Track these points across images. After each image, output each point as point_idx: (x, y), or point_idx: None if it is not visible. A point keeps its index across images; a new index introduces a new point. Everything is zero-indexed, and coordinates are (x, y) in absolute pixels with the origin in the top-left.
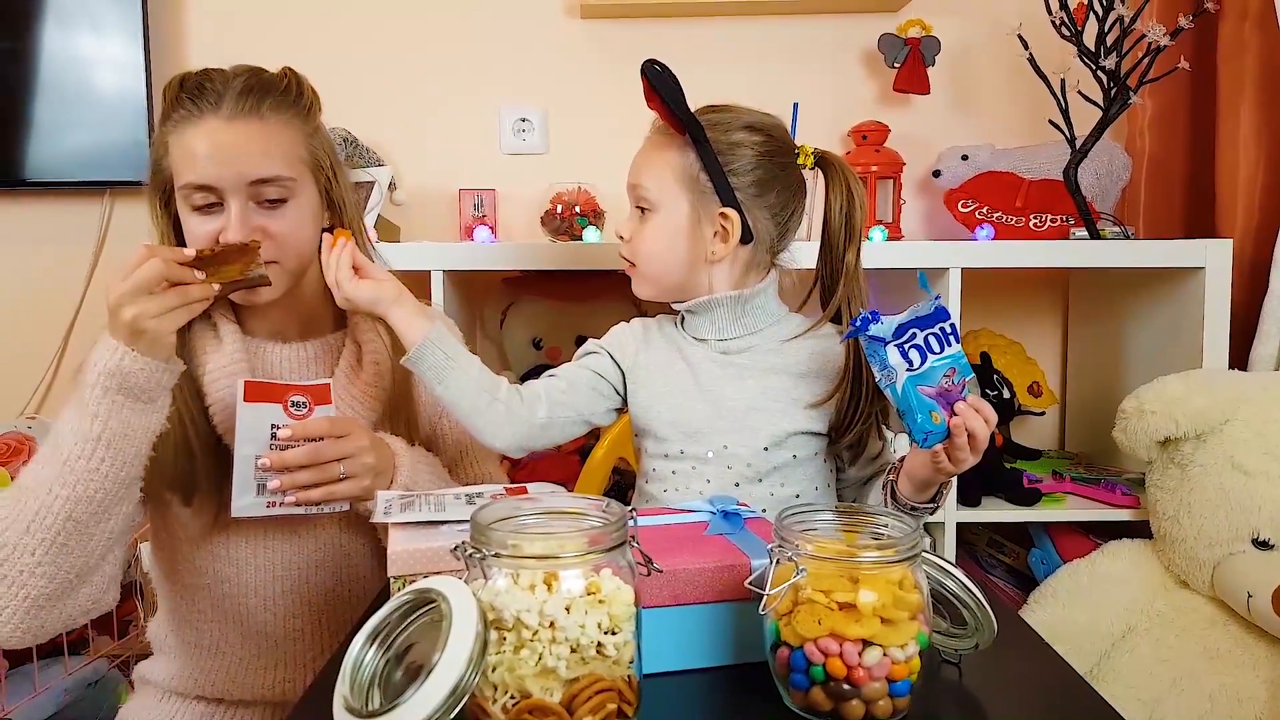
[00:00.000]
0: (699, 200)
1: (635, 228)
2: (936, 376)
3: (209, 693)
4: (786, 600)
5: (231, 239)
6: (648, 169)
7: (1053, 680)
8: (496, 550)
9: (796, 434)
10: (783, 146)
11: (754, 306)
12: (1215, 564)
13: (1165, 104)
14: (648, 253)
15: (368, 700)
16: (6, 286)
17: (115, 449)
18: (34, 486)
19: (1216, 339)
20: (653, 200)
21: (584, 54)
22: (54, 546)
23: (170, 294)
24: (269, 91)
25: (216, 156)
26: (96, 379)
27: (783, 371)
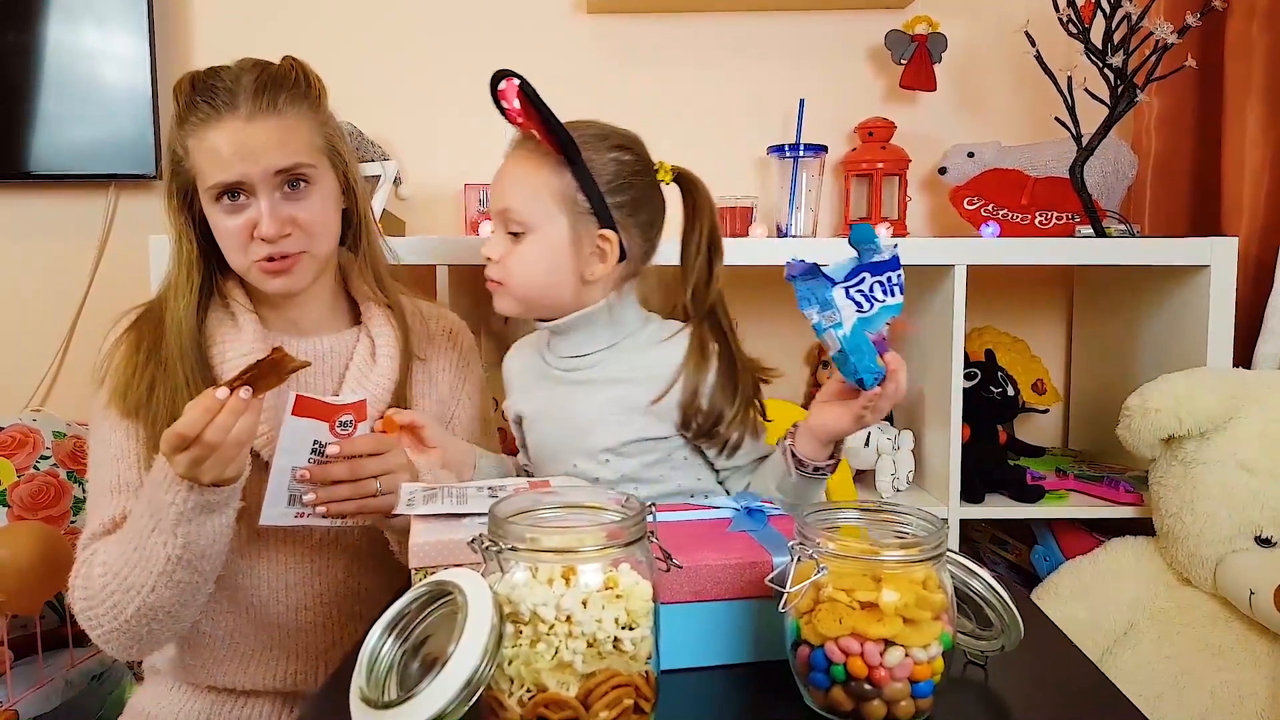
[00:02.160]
0: (577, 221)
1: (507, 248)
2: (879, 323)
3: (219, 683)
4: (807, 598)
5: (268, 232)
6: (520, 190)
7: (1080, 684)
8: (514, 544)
9: (634, 441)
10: (648, 164)
11: (611, 318)
12: (1218, 561)
13: (1172, 102)
14: (523, 274)
15: (384, 691)
16: (11, 279)
17: (207, 554)
18: (135, 584)
19: (1221, 337)
20: (528, 222)
21: (590, 49)
22: (165, 620)
23: (228, 446)
24: (281, 86)
25: (242, 154)
26: (178, 517)
27: (627, 381)
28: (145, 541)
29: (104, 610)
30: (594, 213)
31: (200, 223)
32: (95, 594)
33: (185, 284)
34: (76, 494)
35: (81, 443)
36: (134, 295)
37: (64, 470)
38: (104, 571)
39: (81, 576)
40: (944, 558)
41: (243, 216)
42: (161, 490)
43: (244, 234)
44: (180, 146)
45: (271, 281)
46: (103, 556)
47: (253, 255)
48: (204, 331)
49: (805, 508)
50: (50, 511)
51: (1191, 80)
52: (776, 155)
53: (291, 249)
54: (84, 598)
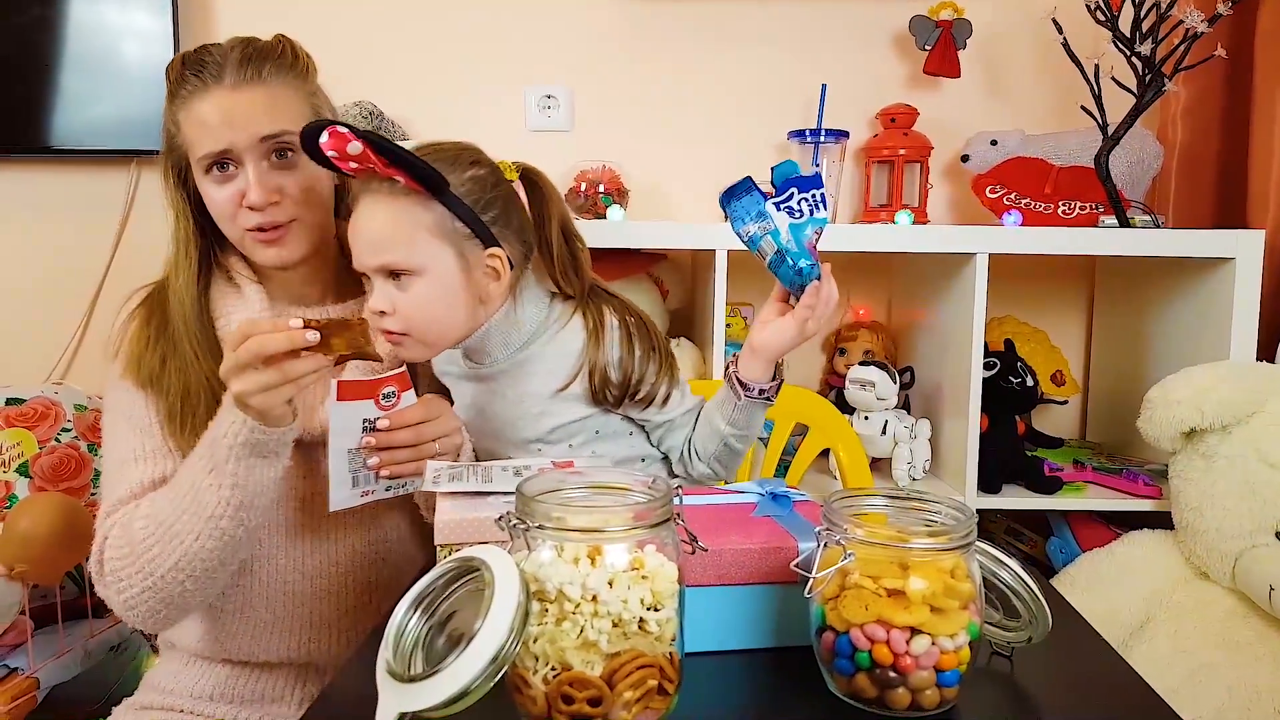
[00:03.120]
0: (462, 249)
1: (395, 298)
2: (808, 231)
3: (234, 655)
4: (833, 584)
5: (253, 199)
6: (394, 234)
7: (1108, 676)
8: (541, 522)
9: (557, 428)
10: (496, 170)
11: (513, 324)
12: (1237, 556)
13: (1199, 92)
14: (423, 319)
15: (410, 665)
16: (34, 254)
17: (254, 505)
18: (180, 533)
19: (1245, 330)
20: (415, 265)
21: (611, 32)
22: (200, 577)
23: (270, 371)
24: (266, 58)
25: (228, 121)
26: (229, 451)
27: (534, 373)
28: (199, 484)
29: (138, 567)
30: (475, 235)
31: (196, 199)
32: (132, 550)
33: (184, 260)
34: (97, 466)
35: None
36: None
37: (85, 443)
38: (146, 525)
39: (113, 538)
40: (973, 547)
41: (231, 186)
42: (219, 422)
43: (233, 204)
44: (172, 123)
45: (264, 251)
46: (146, 509)
47: (242, 224)
48: (209, 305)
49: (832, 494)
50: (71, 483)
51: (1219, 70)
52: (797, 140)
53: (281, 218)
54: (115, 558)
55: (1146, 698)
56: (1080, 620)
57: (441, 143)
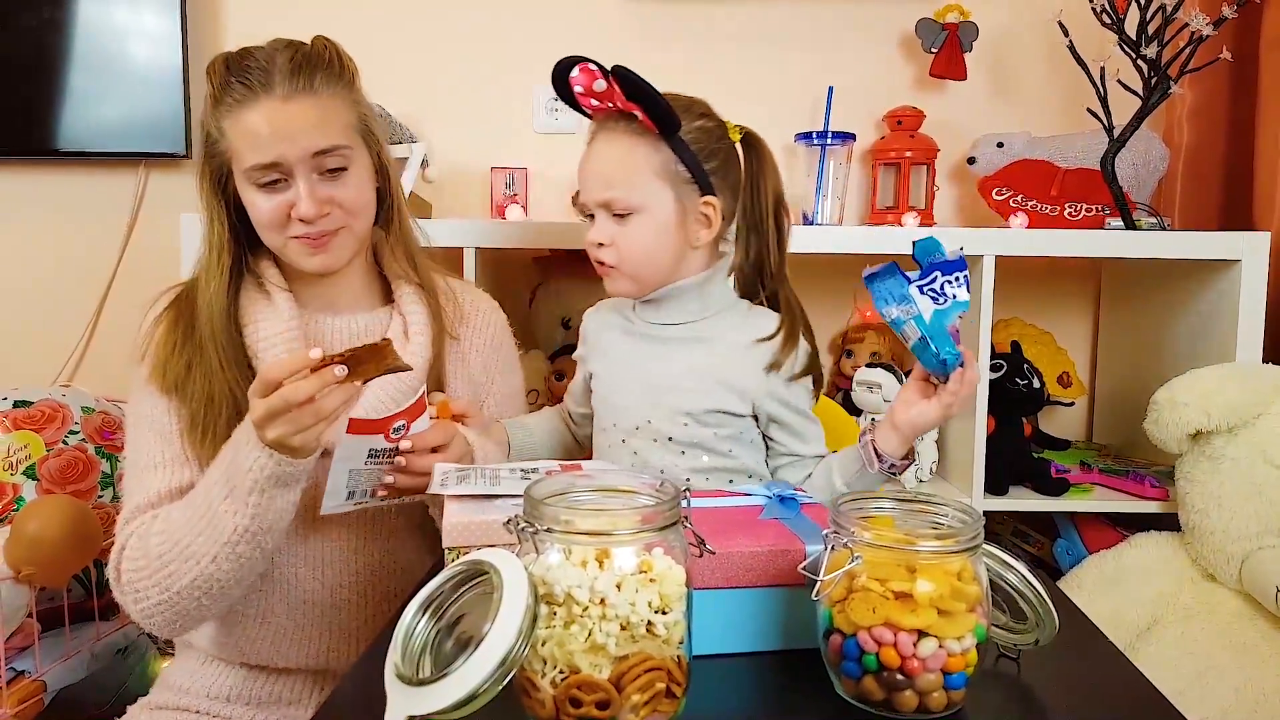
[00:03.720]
0: (680, 192)
1: (614, 231)
2: (953, 316)
3: (253, 659)
4: (841, 587)
5: (306, 212)
6: (622, 173)
7: (1114, 679)
8: (549, 525)
9: (714, 411)
10: (722, 125)
11: (703, 291)
12: (1244, 558)
13: (1205, 95)
14: (637, 253)
15: (419, 668)
16: (41, 256)
17: (273, 530)
18: (196, 554)
19: (1251, 332)
20: (635, 203)
21: (619, 33)
22: (216, 595)
23: (305, 413)
24: (317, 66)
25: (279, 134)
26: (253, 484)
27: (711, 351)
28: (215, 508)
29: (155, 581)
30: (694, 181)
31: (232, 204)
32: (149, 563)
33: (215, 266)
34: (105, 469)
35: (110, 418)
36: (164, 273)
37: (92, 445)
38: (162, 540)
39: (130, 548)
40: (980, 549)
41: (279, 197)
42: (242, 454)
43: (280, 214)
44: (215, 128)
45: (310, 259)
46: (161, 525)
47: (290, 233)
48: (238, 312)
49: (839, 497)
50: (79, 486)
51: (1225, 73)
52: (804, 142)
53: (329, 226)
54: (133, 569)
55: (1153, 699)
56: (1087, 622)
57: (675, 93)
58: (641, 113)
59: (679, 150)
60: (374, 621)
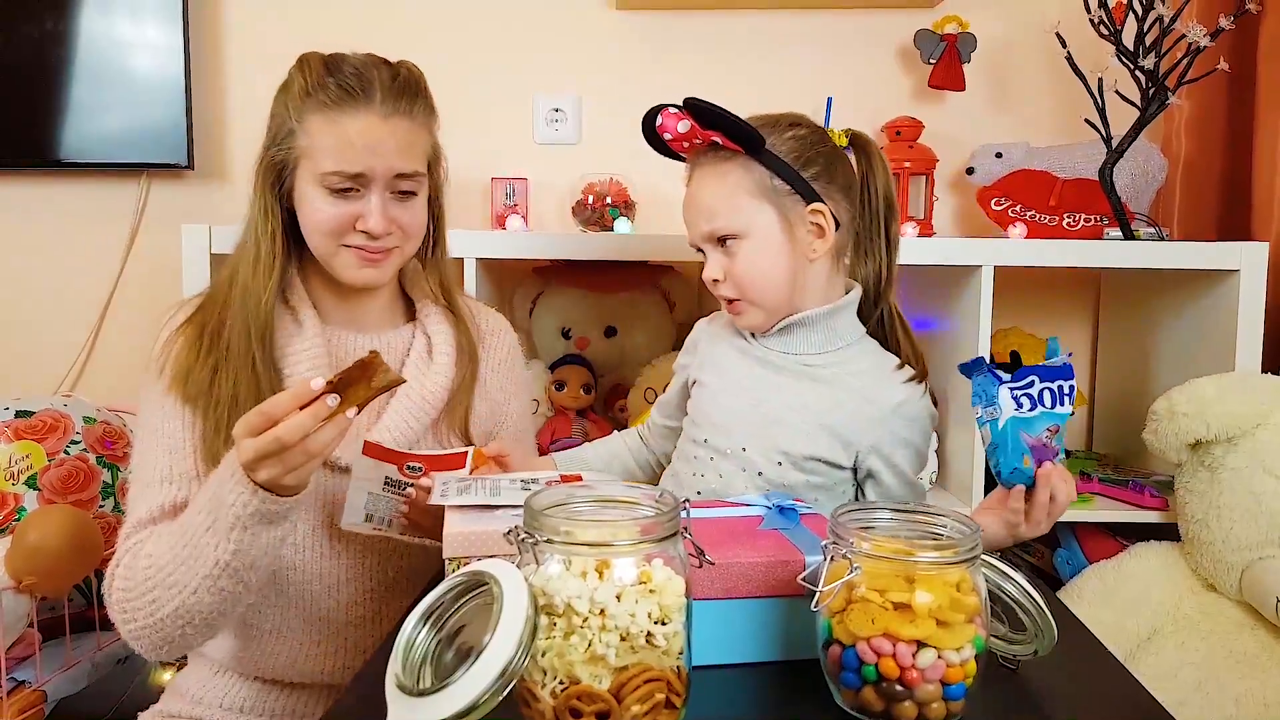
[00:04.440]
0: (784, 206)
1: (727, 264)
2: (1039, 428)
3: (265, 674)
4: (840, 598)
5: (375, 227)
6: (718, 202)
7: (1114, 689)
8: (549, 536)
9: (813, 459)
10: (819, 131)
11: (829, 325)
12: (1244, 568)
13: (1203, 105)
14: (754, 280)
15: (419, 679)
16: (43, 266)
17: (256, 565)
18: (178, 583)
19: (1250, 342)
20: (738, 228)
21: (618, 45)
22: (200, 625)
23: (295, 453)
24: (415, 93)
25: (371, 149)
26: (235, 520)
27: (826, 394)
28: (198, 540)
29: (141, 605)
30: (796, 192)
31: (283, 204)
32: (136, 585)
33: (269, 261)
34: (106, 479)
35: (112, 428)
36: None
37: (94, 455)
38: (149, 564)
39: (124, 566)
40: (978, 560)
41: (348, 206)
42: (226, 488)
43: (344, 223)
44: (295, 120)
45: (359, 271)
46: (150, 548)
47: (347, 242)
48: (267, 322)
49: (839, 508)
50: (80, 496)
51: (1223, 83)
52: None
53: (388, 244)
54: (123, 588)
55: (1152, 710)
56: (1086, 633)
57: (765, 112)
58: (722, 137)
59: (771, 165)
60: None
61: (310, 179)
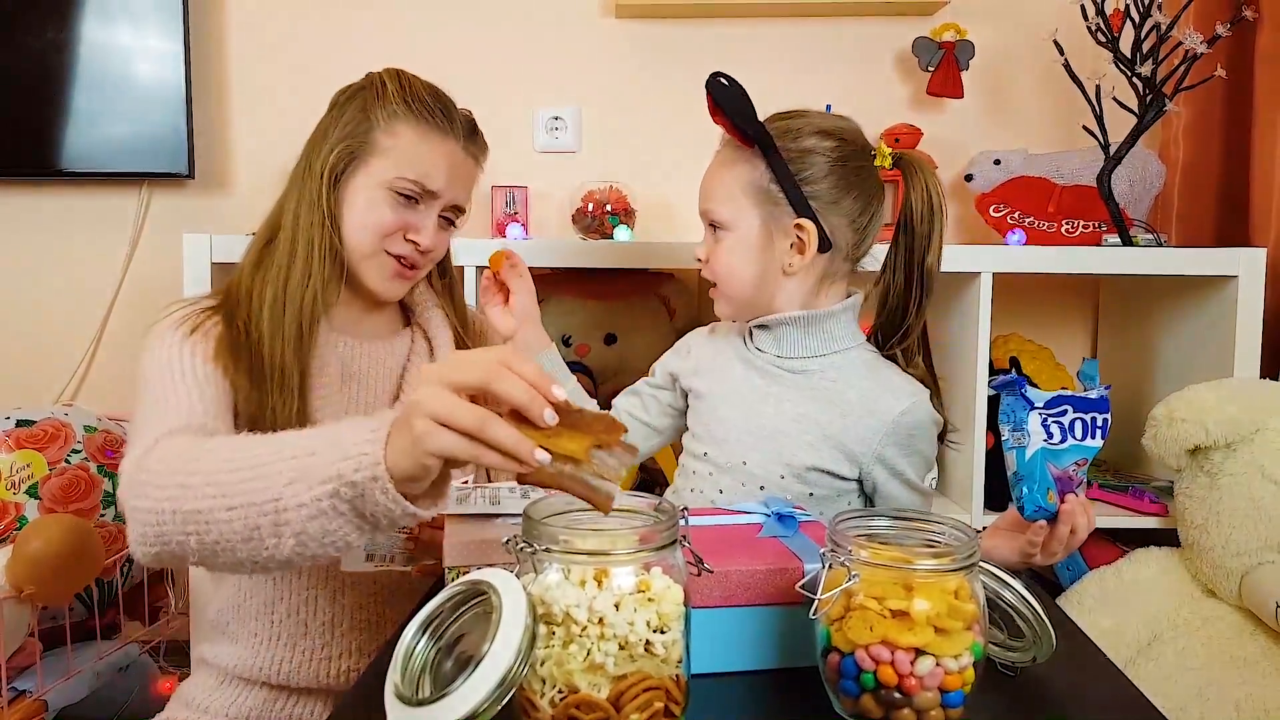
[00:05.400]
0: (771, 212)
1: (710, 248)
2: (1068, 460)
3: (274, 680)
4: (838, 606)
5: (424, 241)
6: (717, 187)
7: (1113, 695)
8: (548, 545)
9: (816, 470)
10: (858, 150)
11: (824, 328)
12: (1243, 573)
13: (1200, 112)
14: (724, 272)
15: (418, 689)
16: (44, 275)
17: (300, 543)
18: (221, 491)
19: (1248, 348)
20: (724, 218)
21: (618, 53)
22: (209, 546)
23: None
24: (485, 147)
25: (449, 175)
26: (339, 479)
27: (826, 404)
28: (271, 469)
29: (162, 485)
30: (789, 202)
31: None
32: (167, 467)
33: (326, 255)
34: (106, 488)
35: (112, 437)
36: (165, 292)
37: (95, 464)
38: (192, 455)
39: (155, 455)
40: (976, 567)
41: (406, 216)
42: (354, 436)
43: (396, 228)
44: (384, 120)
45: (388, 281)
46: (213, 445)
47: (390, 248)
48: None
49: (837, 515)
50: (81, 505)
51: (1220, 90)
52: None
53: (422, 263)
54: (146, 467)
55: (1151, 716)
56: (1085, 639)
57: (818, 113)
58: (729, 126)
59: (775, 168)
60: (388, 645)
61: (377, 180)
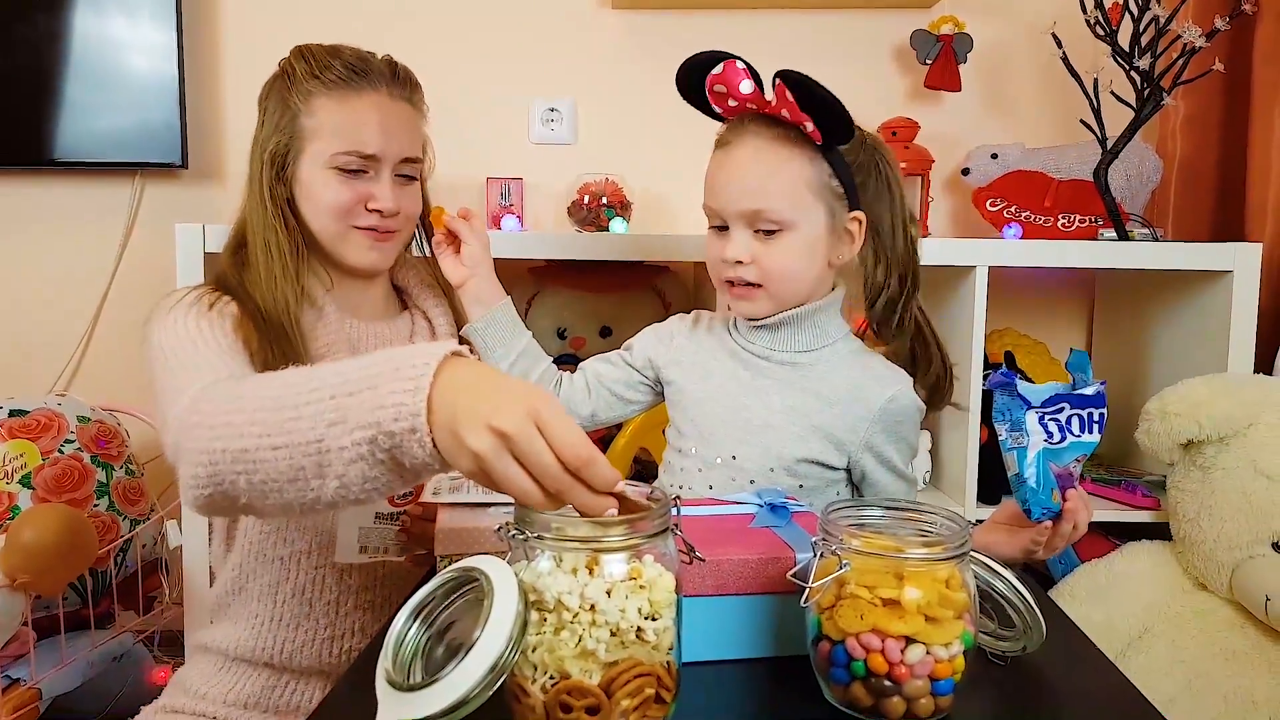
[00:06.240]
0: (834, 208)
1: (759, 250)
2: (1068, 458)
3: (276, 661)
4: (830, 594)
5: (384, 206)
6: (775, 187)
7: (1102, 686)
8: (540, 532)
9: (806, 461)
10: (861, 131)
11: (815, 322)
12: (1235, 567)
13: (1198, 106)
14: (783, 272)
15: (409, 674)
16: (38, 266)
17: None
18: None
19: (1243, 343)
20: (786, 218)
21: (614, 45)
22: (257, 485)
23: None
24: (413, 83)
25: (384, 129)
26: (377, 427)
27: (814, 395)
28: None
29: (216, 421)
30: (846, 196)
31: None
32: (216, 405)
33: (289, 253)
34: (100, 478)
35: (106, 427)
36: (159, 282)
37: (88, 454)
38: (235, 393)
39: (207, 393)
40: (968, 557)
41: (359, 187)
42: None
43: (353, 202)
44: (301, 102)
45: (368, 252)
46: (256, 380)
47: (356, 223)
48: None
49: (829, 505)
50: (74, 495)
51: (1218, 84)
52: None
53: (394, 226)
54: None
55: (1140, 707)
56: (1075, 630)
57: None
58: (813, 124)
59: (835, 164)
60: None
61: (318, 162)
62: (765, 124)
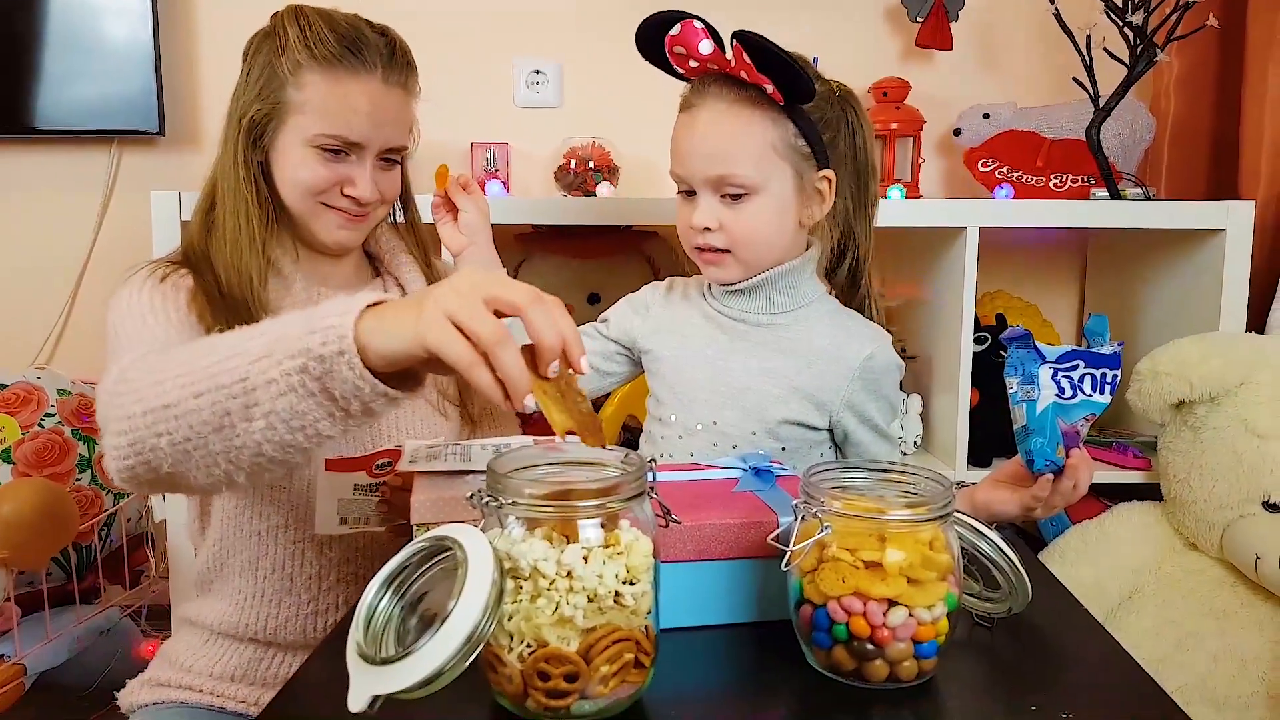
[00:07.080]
0: (801, 168)
1: (727, 215)
2: (1077, 416)
3: (260, 636)
4: (811, 558)
5: (364, 195)
6: (739, 151)
7: (1088, 647)
8: (513, 499)
9: (787, 423)
10: (828, 86)
11: (790, 282)
12: (1225, 526)
13: (1192, 63)
14: (753, 237)
15: (381, 647)
16: (16, 236)
17: (274, 430)
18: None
19: (1235, 302)
20: (752, 182)
21: (600, 7)
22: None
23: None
24: (409, 66)
25: (373, 117)
26: (307, 355)
27: (792, 355)
28: (231, 348)
29: (139, 388)
30: (814, 155)
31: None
32: (140, 375)
33: (258, 219)
34: (82, 451)
35: (86, 400)
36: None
37: (69, 428)
38: (160, 362)
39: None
40: (951, 518)
41: (338, 169)
42: (324, 311)
43: (329, 184)
44: (290, 71)
45: (338, 231)
46: (177, 351)
47: (329, 203)
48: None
49: (811, 467)
50: (55, 469)
51: (1212, 41)
52: None
53: (368, 211)
54: (122, 378)
55: (1127, 667)
56: (1062, 590)
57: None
58: (773, 85)
59: (799, 122)
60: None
61: (299, 138)
62: (727, 85)
